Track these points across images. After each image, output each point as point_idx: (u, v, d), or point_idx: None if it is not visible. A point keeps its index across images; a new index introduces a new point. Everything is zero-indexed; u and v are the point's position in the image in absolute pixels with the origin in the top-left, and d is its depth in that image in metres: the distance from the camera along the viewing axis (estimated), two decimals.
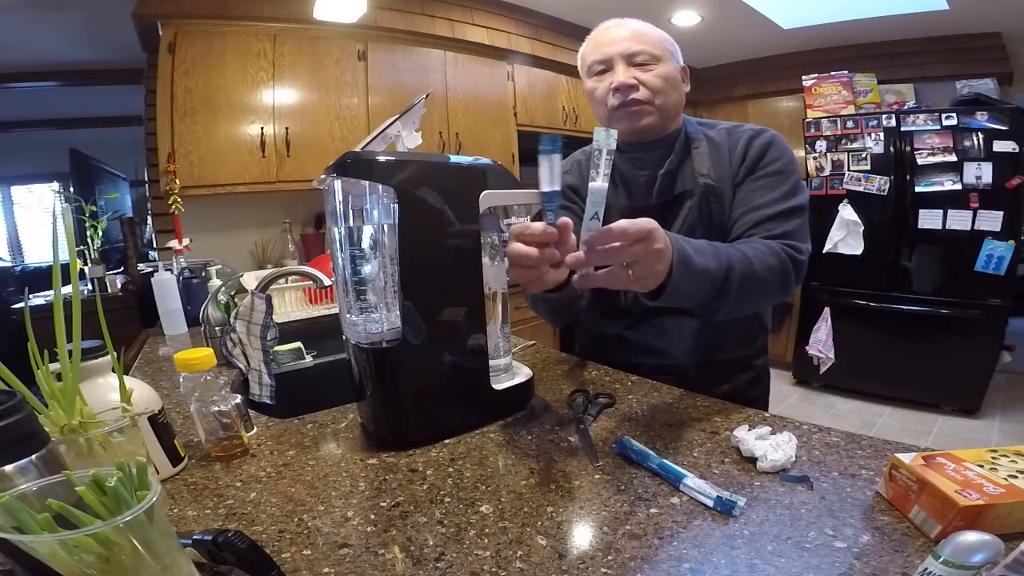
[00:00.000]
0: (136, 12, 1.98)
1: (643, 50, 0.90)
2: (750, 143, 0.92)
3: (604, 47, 0.92)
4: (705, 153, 0.94)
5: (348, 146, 2.11)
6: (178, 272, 1.72)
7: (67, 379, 0.48)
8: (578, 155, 1.10)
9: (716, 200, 0.92)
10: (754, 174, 0.90)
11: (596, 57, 0.93)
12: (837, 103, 3.25)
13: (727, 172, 0.92)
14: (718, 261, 0.72)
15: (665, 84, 0.91)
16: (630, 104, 0.90)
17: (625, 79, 0.89)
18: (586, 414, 0.78)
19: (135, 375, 1.15)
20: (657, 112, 0.92)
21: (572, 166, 1.08)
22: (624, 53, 0.90)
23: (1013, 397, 2.93)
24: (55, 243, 0.47)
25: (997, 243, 2.59)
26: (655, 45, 0.91)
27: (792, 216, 0.86)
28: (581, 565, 0.47)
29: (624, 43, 0.90)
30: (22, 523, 0.30)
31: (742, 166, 0.91)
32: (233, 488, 0.63)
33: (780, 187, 0.88)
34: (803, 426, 0.71)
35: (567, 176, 1.06)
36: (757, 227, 0.86)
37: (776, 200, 0.87)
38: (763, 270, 0.77)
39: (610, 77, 0.91)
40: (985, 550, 0.36)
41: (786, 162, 0.91)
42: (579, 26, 3.30)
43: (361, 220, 0.70)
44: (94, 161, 3.55)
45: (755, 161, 0.91)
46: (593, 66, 0.94)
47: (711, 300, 0.74)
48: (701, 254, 0.71)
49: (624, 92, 0.89)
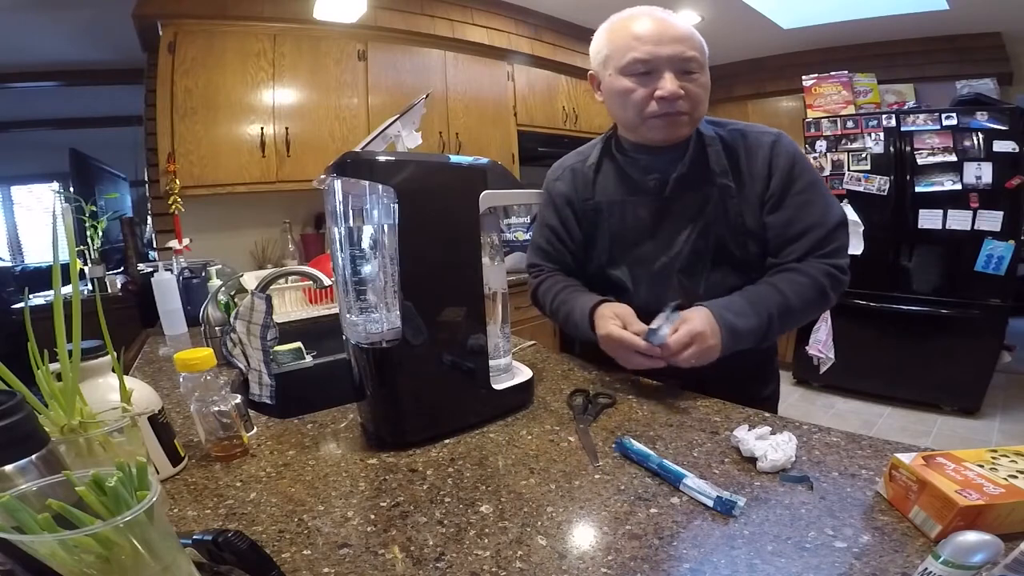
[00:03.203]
0: (136, 12, 1.98)
1: (694, 57, 0.83)
2: (774, 154, 0.88)
3: (650, 46, 0.82)
4: (720, 152, 0.89)
5: (348, 146, 2.11)
6: (178, 272, 1.71)
7: (67, 379, 0.48)
8: (571, 160, 1.04)
9: (733, 200, 0.89)
10: (789, 193, 0.87)
11: (639, 55, 0.83)
12: (837, 103, 3.25)
13: (742, 176, 0.89)
14: (759, 316, 0.82)
15: (704, 94, 0.86)
16: (672, 115, 0.84)
17: (675, 89, 0.82)
18: (586, 414, 0.78)
19: (135, 375, 1.14)
20: (692, 123, 0.88)
21: (564, 172, 1.03)
22: (675, 58, 0.82)
23: (1013, 397, 2.93)
24: (55, 243, 0.47)
25: (997, 243, 2.58)
26: (701, 51, 0.85)
27: (838, 232, 0.87)
28: (581, 565, 0.47)
29: (675, 46, 0.82)
30: (22, 523, 0.30)
31: (771, 180, 0.88)
32: (233, 488, 0.63)
33: (818, 202, 0.87)
34: (803, 426, 0.72)
35: (559, 183, 1.03)
36: (810, 251, 0.86)
37: (819, 220, 0.86)
38: (801, 306, 0.84)
39: (653, 82, 0.83)
40: (985, 550, 0.36)
41: (813, 172, 0.90)
42: (579, 26, 3.30)
43: (361, 220, 0.70)
44: (94, 161, 3.55)
45: (786, 177, 0.87)
46: (633, 64, 0.83)
47: (756, 344, 0.83)
48: (743, 316, 0.81)
49: (670, 103, 0.83)
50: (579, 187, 1.00)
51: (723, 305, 0.82)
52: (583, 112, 3.35)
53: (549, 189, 1.05)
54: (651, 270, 0.94)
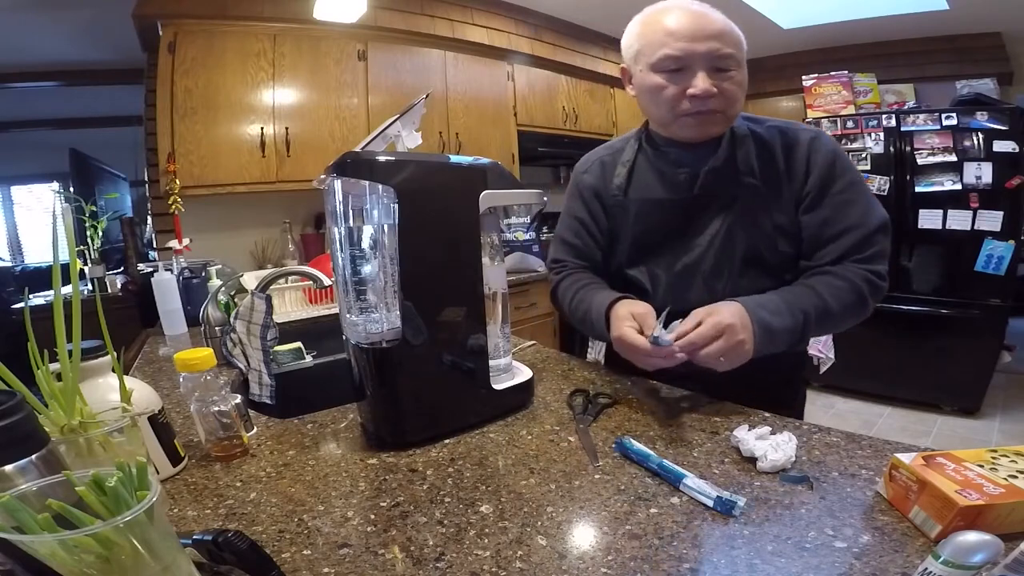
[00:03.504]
0: (136, 12, 1.98)
1: (731, 54, 0.79)
2: (812, 151, 0.84)
3: (684, 42, 0.78)
4: (752, 152, 0.85)
5: (348, 146, 2.11)
6: (178, 272, 1.71)
7: (67, 379, 0.48)
8: (601, 153, 1.01)
9: (761, 201, 0.85)
10: (828, 192, 0.83)
11: (671, 52, 0.79)
12: (837, 103, 3.25)
13: (778, 174, 0.85)
14: (793, 317, 0.77)
15: (740, 92, 0.82)
16: (705, 113, 0.81)
17: (708, 87, 0.78)
18: (586, 414, 0.78)
19: (135, 375, 1.14)
20: (726, 122, 0.84)
21: (593, 165, 1.00)
22: (709, 55, 0.78)
23: (1013, 397, 2.93)
24: (55, 243, 0.47)
25: (997, 243, 2.58)
26: (738, 46, 0.80)
27: (879, 235, 0.82)
28: (581, 565, 0.47)
29: (711, 43, 0.78)
30: (22, 523, 0.30)
31: (808, 178, 0.84)
32: (233, 488, 0.63)
33: (859, 203, 0.82)
34: (803, 426, 0.72)
35: (587, 176, 0.99)
36: (847, 254, 0.81)
37: (859, 222, 0.81)
38: (839, 309, 0.79)
39: (685, 79, 0.80)
40: (985, 550, 0.36)
41: (855, 171, 0.85)
42: (579, 26, 3.30)
43: (361, 220, 0.70)
44: (94, 161, 3.55)
45: (825, 175, 0.83)
46: (665, 61, 0.80)
47: (789, 346, 0.78)
48: (778, 315, 0.76)
49: (703, 101, 0.79)
50: (608, 181, 0.96)
51: (756, 301, 0.76)
52: (583, 112, 3.35)
53: (577, 182, 1.02)
54: (672, 272, 0.91)
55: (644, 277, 0.93)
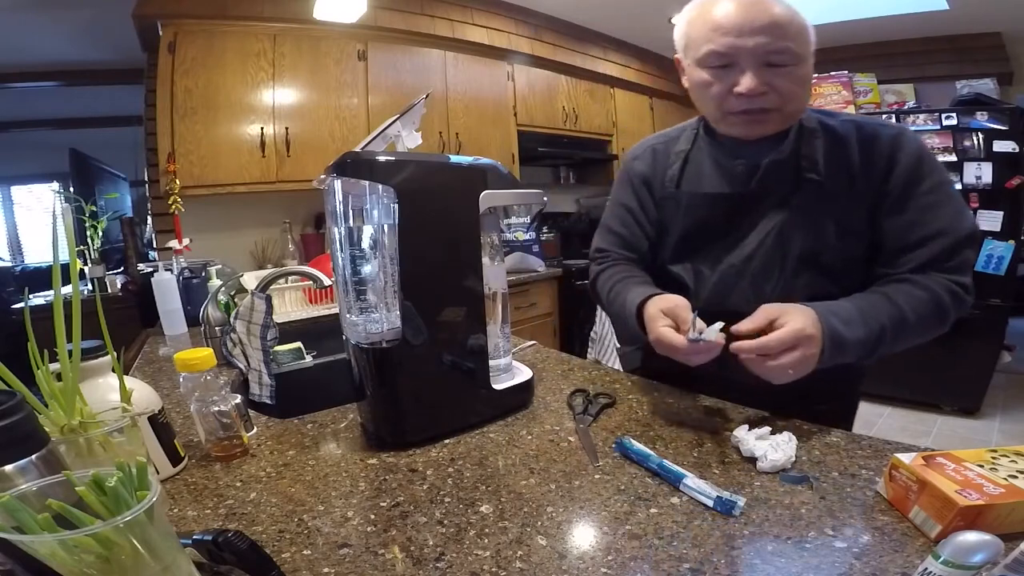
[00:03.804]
0: (136, 12, 1.98)
1: (785, 48, 0.70)
2: (895, 149, 0.76)
3: (730, 38, 0.71)
4: (819, 147, 0.78)
5: (348, 146, 2.10)
6: (178, 272, 1.71)
7: (67, 379, 0.48)
8: (654, 140, 0.95)
9: (824, 199, 0.78)
10: (913, 193, 0.75)
11: (716, 47, 0.73)
12: (837, 103, 3.25)
13: (851, 171, 0.78)
14: (867, 328, 0.70)
15: (800, 88, 0.74)
16: (755, 112, 0.75)
17: (754, 86, 0.71)
18: (586, 414, 0.78)
19: (135, 375, 1.14)
20: (783, 120, 0.77)
21: (645, 152, 0.95)
22: (758, 51, 0.71)
23: (1013, 397, 2.93)
24: (55, 243, 0.47)
25: (997, 243, 2.58)
26: (798, 38, 0.71)
27: (967, 244, 0.74)
28: (581, 565, 0.47)
29: (759, 37, 0.70)
30: (22, 523, 0.30)
31: (889, 177, 0.76)
32: (233, 488, 0.63)
33: (947, 206, 0.75)
34: (803, 426, 0.71)
35: (637, 163, 0.94)
36: (931, 263, 0.74)
37: (947, 227, 0.74)
38: (917, 322, 0.72)
39: (732, 76, 0.73)
40: (985, 550, 0.36)
41: (943, 171, 0.77)
42: (579, 26, 3.30)
43: (361, 220, 0.70)
44: (94, 161, 3.55)
45: (910, 175, 0.75)
46: (709, 57, 0.74)
47: (860, 359, 0.72)
48: (850, 325, 0.68)
49: (751, 100, 0.73)
50: (660, 170, 0.92)
51: (828, 308, 0.69)
52: (583, 112, 3.35)
53: (627, 169, 0.97)
54: (717, 270, 0.85)
55: (688, 274, 0.89)
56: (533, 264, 2.84)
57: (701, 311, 0.71)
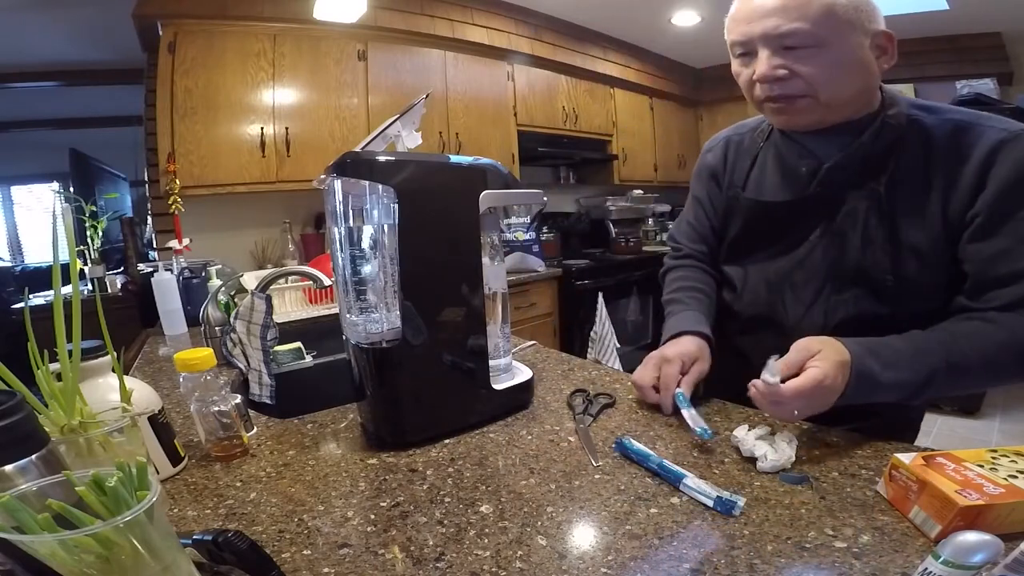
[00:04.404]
0: (136, 12, 1.98)
1: (796, 29, 0.65)
2: (993, 159, 0.65)
3: (743, 25, 0.70)
4: (898, 149, 0.71)
5: (348, 146, 2.10)
6: (178, 272, 1.71)
7: (67, 379, 0.48)
8: (729, 132, 0.93)
9: (886, 215, 0.71)
10: (1009, 217, 0.64)
11: (735, 37, 0.72)
12: None
13: (928, 182, 0.69)
14: (914, 372, 0.63)
15: (834, 72, 0.67)
16: (779, 99, 0.71)
17: (768, 70, 0.68)
18: (586, 414, 0.78)
19: (135, 375, 1.15)
20: (822, 107, 0.70)
21: (717, 144, 0.93)
22: (766, 35, 0.67)
23: (1013, 397, 2.93)
24: (55, 243, 0.47)
25: None
26: (816, 19, 0.65)
27: None
28: (581, 565, 0.47)
29: (767, 20, 0.67)
30: (22, 523, 0.30)
31: (980, 192, 0.66)
32: (233, 488, 0.63)
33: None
34: (803, 426, 0.71)
35: (709, 155, 0.94)
36: (1022, 302, 0.64)
37: None
38: (984, 368, 0.64)
39: (754, 63, 0.71)
40: (985, 550, 0.36)
41: None
42: (579, 26, 3.30)
43: (361, 220, 0.70)
44: (94, 161, 3.56)
45: (1007, 194, 0.64)
46: (733, 48, 0.74)
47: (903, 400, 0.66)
48: (892, 367, 0.63)
49: (771, 85, 0.70)
50: (729, 165, 0.90)
51: (871, 347, 0.64)
52: (583, 112, 3.35)
53: (700, 160, 0.98)
54: (763, 276, 0.83)
55: (737, 276, 0.88)
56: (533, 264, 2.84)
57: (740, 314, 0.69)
